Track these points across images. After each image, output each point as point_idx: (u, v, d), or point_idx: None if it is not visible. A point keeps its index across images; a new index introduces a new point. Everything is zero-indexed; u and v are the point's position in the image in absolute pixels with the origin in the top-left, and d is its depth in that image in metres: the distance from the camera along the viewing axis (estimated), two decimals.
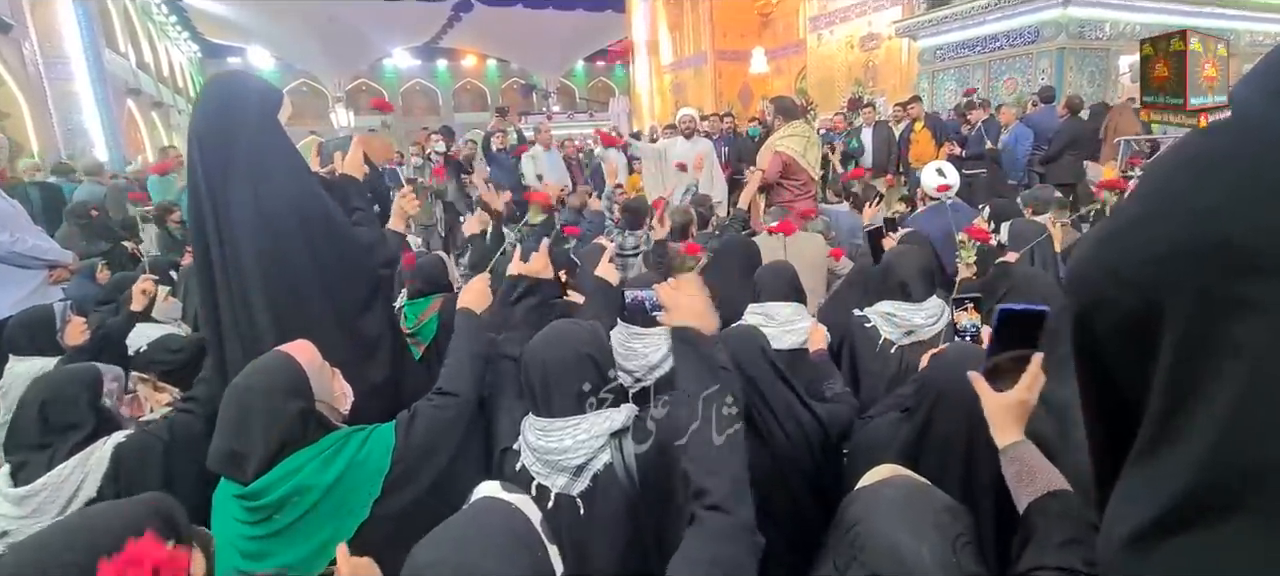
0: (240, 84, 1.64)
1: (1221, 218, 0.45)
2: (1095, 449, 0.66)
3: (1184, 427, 0.49)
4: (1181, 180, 0.47)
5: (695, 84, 15.27)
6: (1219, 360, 0.46)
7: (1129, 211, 0.52)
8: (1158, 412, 0.51)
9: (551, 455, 1.21)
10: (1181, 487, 0.49)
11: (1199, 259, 0.45)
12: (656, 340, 1.85)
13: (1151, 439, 0.52)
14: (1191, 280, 0.45)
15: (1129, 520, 0.55)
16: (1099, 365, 0.59)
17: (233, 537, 1.15)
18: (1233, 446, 0.46)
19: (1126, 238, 0.52)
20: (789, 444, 1.47)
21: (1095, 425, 0.65)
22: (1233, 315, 0.45)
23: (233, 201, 1.52)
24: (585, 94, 27.61)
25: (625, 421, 1.24)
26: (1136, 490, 0.55)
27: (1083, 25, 7.91)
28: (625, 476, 1.20)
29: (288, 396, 1.17)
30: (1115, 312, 0.52)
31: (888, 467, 0.93)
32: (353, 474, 1.19)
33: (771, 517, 1.34)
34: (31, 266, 3.08)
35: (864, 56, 11.25)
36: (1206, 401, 0.47)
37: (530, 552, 0.70)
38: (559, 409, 1.23)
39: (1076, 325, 0.59)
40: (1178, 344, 0.48)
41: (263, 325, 1.52)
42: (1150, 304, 0.48)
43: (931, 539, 0.73)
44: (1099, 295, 0.53)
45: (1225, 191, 0.46)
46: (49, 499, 1.33)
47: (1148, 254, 0.48)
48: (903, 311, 1.85)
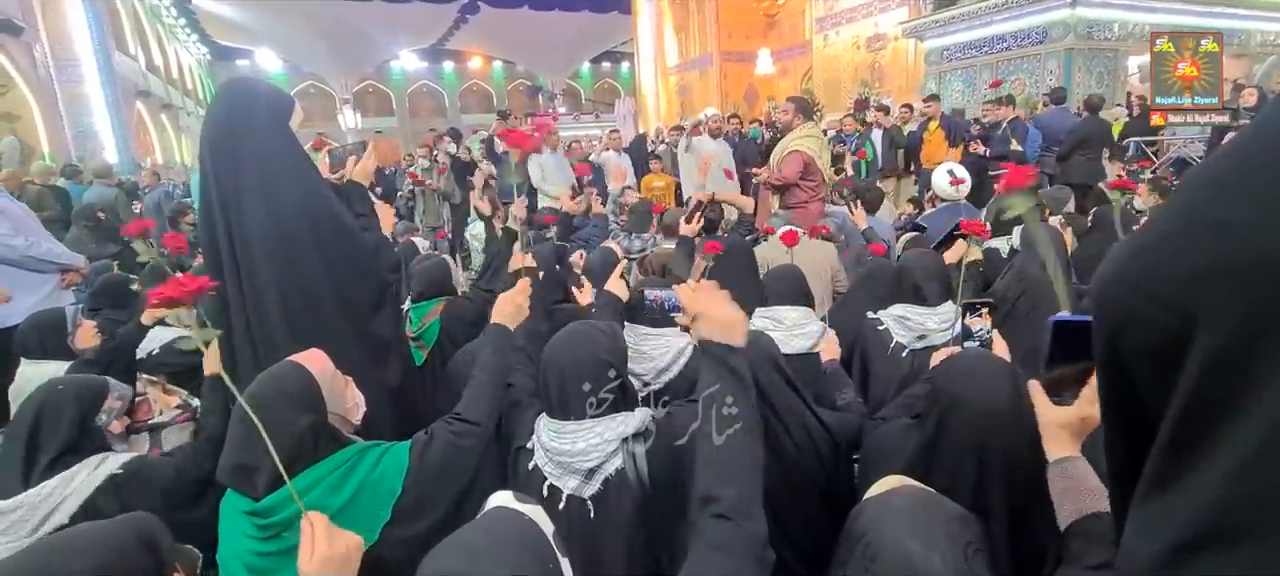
0: (251, 90, 1.64)
1: (1267, 234, 0.44)
2: (1114, 466, 0.65)
3: (1209, 450, 0.47)
4: (1223, 194, 0.46)
5: (701, 85, 15.27)
6: (1254, 382, 0.45)
7: (1163, 225, 0.51)
8: (1178, 436, 0.50)
9: (564, 457, 1.21)
10: (1205, 512, 0.48)
11: (1240, 277, 0.44)
12: (665, 343, 1.85)
13: (1173, 456, 0.51)
14: (1231, 299, 0.44)
15: (1156, 539, 0.53)
16: (1124, 383, 0.57)
17: (241, 552, 1.13)
18: (1264, 470, 0.44)
19: (1160, 252, 0.50)
20: (798, 453, 1.46)
21: (1116, 443, 0.63)
22: (1273, 334, 0.44)
23: (245, 206, 1.52)
24: (591, 95, 27.65)
25: (640, 426, 1.23)
26: (1156, 512, 0.53)
27: (1091, 26, 7.86)
28: (637, 481, 1.20)
29: (299, 410, 1.14)
30: (1144, 331, 0.51)
31: (895, 478, 0.92)
32: (364, 495, 1.17)
33: (782, 528, 1.33)
34: (45, 271, 3.11)
35: (870, 57, 11.22)
36: (1236, 423, 0.46)
37: (542, 564, 0.69)
38: (574, 411, 1.23)
39: (1102, 342, 0.58)
40: (1207, 364, 0.47)
41: (276, 328, 1.52)
42: (1184, 321, 0.47)
43: (943, 547, 0.72)
44: (1128, 312, 0.52)
45: (1270, 207, 0.45)
46: (21, 518, 1.29)
47: (1184, 270, 0.47)
48: (916, 315, 1.84)
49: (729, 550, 0.81)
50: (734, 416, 0.92)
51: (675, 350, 1.82)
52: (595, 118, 20.40)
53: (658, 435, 1.24)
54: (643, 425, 1.23)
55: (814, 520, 1.43)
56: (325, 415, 1.20)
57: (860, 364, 1.95)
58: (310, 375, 1.20)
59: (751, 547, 0.82)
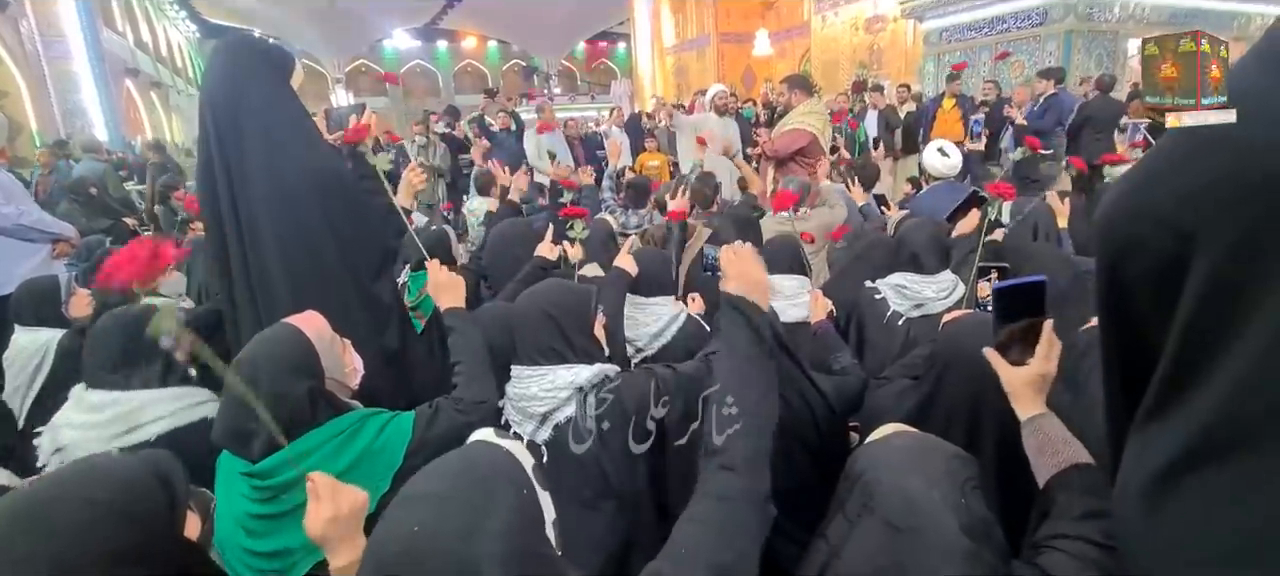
0: (252, 45, 1.63)
1: (1264, 153, 0.43)
2: (1112, 405, 0.65)
3: (1209, 366, 0.48)
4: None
5: (698, 66, 15.15)
6: (1249, 304, 0.45)
7: (1163, 148, 0.51)
8: (1177, 363, 0.50)
9: (520, 401, 1.29)
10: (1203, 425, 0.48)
11: (1237, 192, 0.44)
12: (659, 310, 1.86)
13: (1172, 382, 0.51)
14: (1229, 214, 0.44)
15: (1146, 467, 0.54)
16: (1124, 316, 0.58)
17: (238, 514, 1.12)
18: (1261, 382, 0.45)
19: (1160, 174, 0.50)
20: (791, 416, 1.47)
21: (1114, 380, 0.64)
22: (1269, 252, 0.44)
23: (248, 166, 1.50)
24: (587, 76, 27.41)
25: (590, 379, 1.28)
26: (1152, 438, 0.54)
27: (1091, 7, 7.81)
28: (585, 432, 1.25)
29: (295, 375, 1.13)
30: (1145, 256, 0.51)
31: (892, 426, 0.93)
32: (365, 463, 1.15)
33: (776, 494, 1.35)
34: (37, 240, 3.09)
35: (868, 39, 11.15)
36: (1231, 346, 0.46)
37: (516, 488, 0.70)
38: (526, 357, 1.30)
39: (1104, 274, 0.58)
40: (1205, 289, 0.47)
41: (278, 288, 1.51)
42: (1183, 243, 0.47)
43: (942, 484, 0.73)
44: (1130, 238, 0.52)
45: (1265, 128, 0.44)
46: (108, 421, 1.33)
47: (1183, 188, 0.47)
48: (914, 284, 1.85)
49: (732, 499, 0.83)
50: (735, 416, 0.93)
51: (668, 317, 1.84)
52: (591, 99, 20.24)
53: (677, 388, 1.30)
54: (596, 377, 1.28)
55: (806, 481, 1.44)
56: (323, 380, 1.18)
57: (856, 333, 1.96)
58: (307, 338, 1.18)
59: (754, 499, 0.84)
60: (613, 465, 1.26)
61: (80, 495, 0.76)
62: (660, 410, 1.31)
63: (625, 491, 1.28)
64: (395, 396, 1.63)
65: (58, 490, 0.77)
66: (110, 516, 0.76)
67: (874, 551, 0.74)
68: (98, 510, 0.76)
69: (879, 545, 0.73)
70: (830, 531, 0.82)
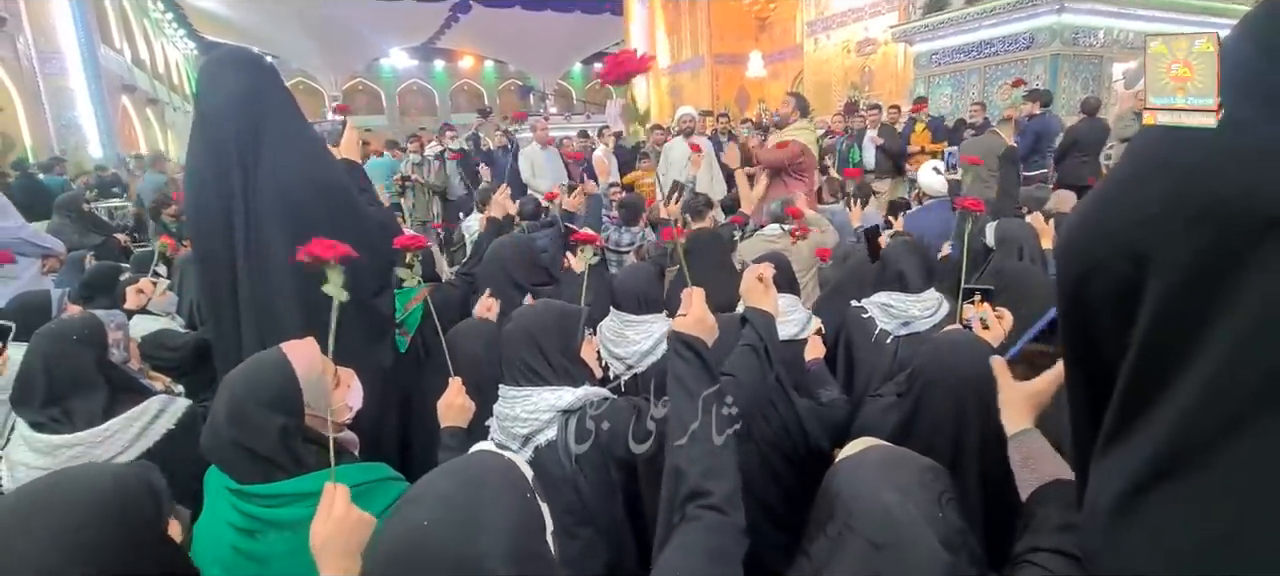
0: (257, 60, 1.65)
1: (1210, 177, 0.46)
2: (1077, 425, 0.67)
3: (1164, 387, 0.49)
4: (1169, 137, 0.48)
5: (692, 87, 15.31)
6: (1202, 325, 0.47)
7: (1119, 173, 0.53)
8: (1134, 384, 0.52)
9: (506, 421, 1.29)
10: (1159, 445, 0.49)
11: (1187, 218, 0.46)
12: (647, 329, 1.88)
13: (1131, 402, 0.52)
14: (1180, 239, 0.46)
15: (1111, 486, 0.55)
16: (1088, 337, 0.59)
17: (222, 543, 1.09)
18: (1212, 403, 0.46)
19: (1115, 199, 0.52)
20: (770, 431, 1.48)
21: (1079, 400, 0.65)
22: (1226, 272, 0.45)
23: (261, 177, 1.51)
24: (582, 96, 27.63)
25: (574, 402, 1.26)
26: (1115, 457, 0.55)
27: (1077, 32, 7.97)
28: (564, 456, 1.24)
29: (271, 410, 1.08)
30: (1107, 278, 0.53)
31: (865, 440, 0.95)
32: None
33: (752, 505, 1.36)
34: (29, 254, 3.09)
35: (860, 61, 11.31)
36: (1185, 366, 0.48)
37: (519, 492, 0.71)
38: (510, 377, 1.32)
39: (1066, 297, 0.59)
40: (1158, 309, 0.49)
41: (281, 299, 1.51)
42: (1138, 265, 0.49)
43: (918, 496, 0.74)
44: (1090, 259, 0.54)
45: (1210, 151, 0.47)
46: (80, 454, 1.31)
47: (1137, 213, 0.49)
48: (900, 302, 1.87)
49: (717, 532, 0.86)
50: (734, 417, 0.98)
51: (657, 336, 1.86)
52: (586, 118, 20.39)
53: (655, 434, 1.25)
54: (579, 402, 1.27)
55: (791, 497, 1.45)
56: (301, 415, 1.12)
57: (845, 352, 1.98)
58: (292, 372, 1.13)
59: (738, 535, 0.88)
60: (591, 491, 1.24)
61: (77, 497, 0.77)
62: (660, 409, 1.30)
63: (602, 519, 1.26)
64: (381, 414, 1.63)
65: (57, 488, 0.78)
66: (100, 520, 0.77)
67: (857, 568, 0.75)
68: (88, 514, 0.77)
69: (861, 562, 0.74)
70: (813, 549, 0.83)
